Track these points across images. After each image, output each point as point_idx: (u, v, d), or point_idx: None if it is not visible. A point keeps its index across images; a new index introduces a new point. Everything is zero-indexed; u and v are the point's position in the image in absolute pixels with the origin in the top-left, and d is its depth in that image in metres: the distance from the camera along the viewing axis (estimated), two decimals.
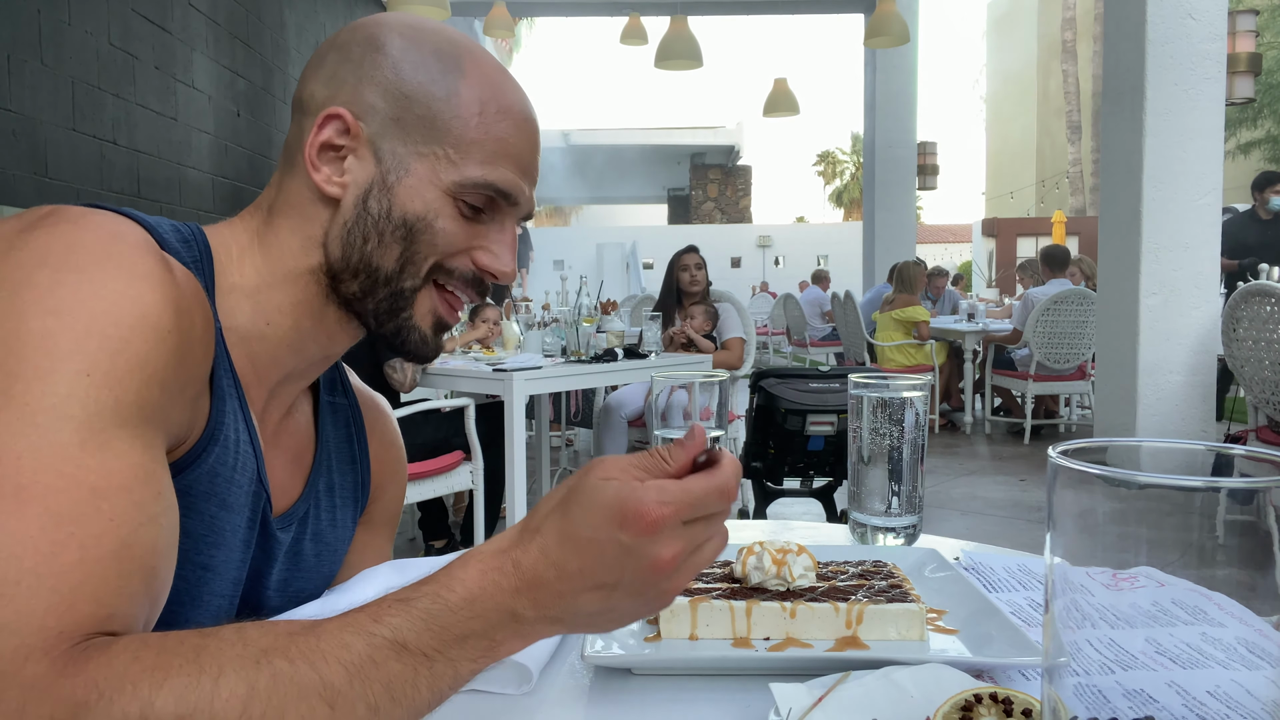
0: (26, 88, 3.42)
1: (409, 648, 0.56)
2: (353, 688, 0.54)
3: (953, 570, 0.90)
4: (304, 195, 0.77)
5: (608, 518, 0.56)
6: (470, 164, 0.76)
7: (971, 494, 5.06)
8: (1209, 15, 4.47)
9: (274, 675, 0.53)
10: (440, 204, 0.76)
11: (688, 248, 4.83)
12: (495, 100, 0.77)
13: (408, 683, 0.56)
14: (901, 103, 9.74)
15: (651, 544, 0.56)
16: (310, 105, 0.77)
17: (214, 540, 0.73)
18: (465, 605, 0.57)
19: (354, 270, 0.76)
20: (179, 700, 0.50)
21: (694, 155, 26.83)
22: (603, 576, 0.57)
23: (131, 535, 0.56)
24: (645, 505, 0.55)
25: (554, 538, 0.58)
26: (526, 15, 11.50)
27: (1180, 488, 0.39)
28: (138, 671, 0.51)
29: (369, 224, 0.75)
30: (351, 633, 0.55)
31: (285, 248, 0.77)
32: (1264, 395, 3.59)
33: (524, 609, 0.58)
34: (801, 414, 3.35)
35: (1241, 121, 17.93)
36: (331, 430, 0.91)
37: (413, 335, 0.79)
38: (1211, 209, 4.51)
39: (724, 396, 1.08)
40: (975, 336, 6.94)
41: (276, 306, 0.77)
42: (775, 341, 12.07)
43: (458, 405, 3.31)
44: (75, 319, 0.58)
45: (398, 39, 0.77)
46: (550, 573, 0.58)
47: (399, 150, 0.75)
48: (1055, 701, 0.44)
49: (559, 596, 0.58)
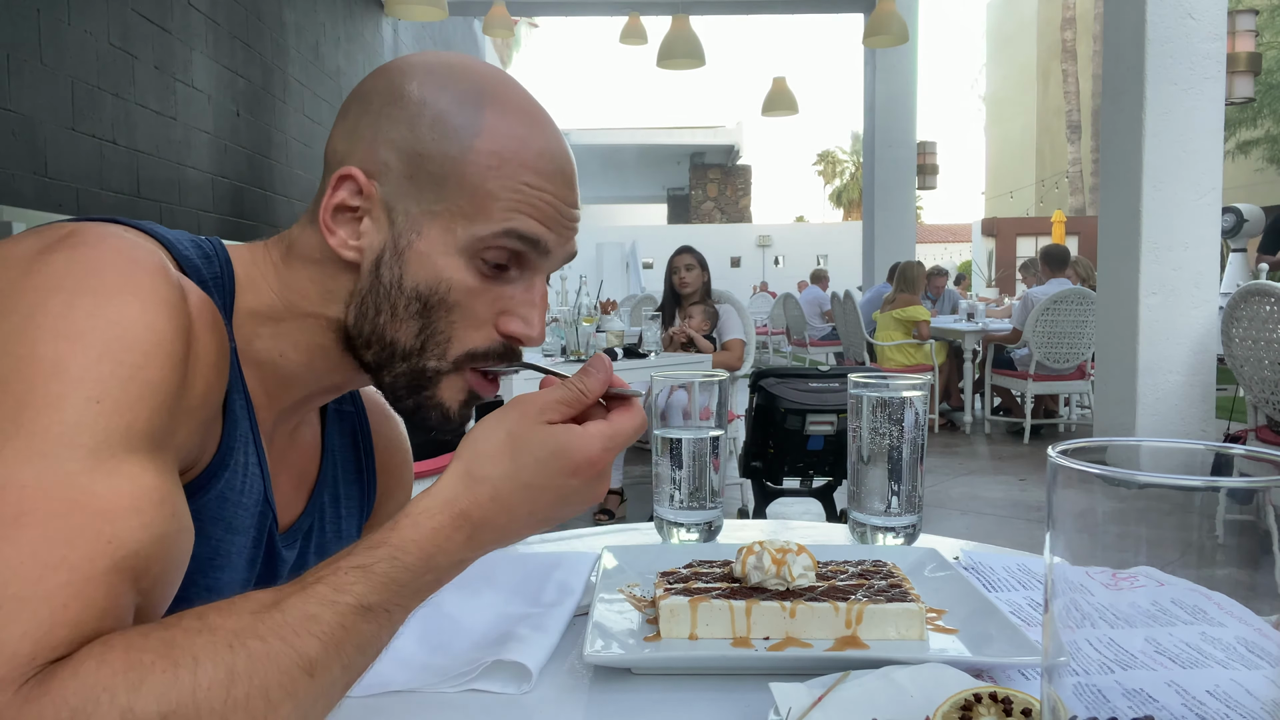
0: (26, 87, 3.42)
1: (373, 609, 0.58)
2: (328, 654, 0.56)
3: (952, 570, 0.90)
4: (320, 252, 0.74)
5: (560, 467, 0.63)
6: (487, 218, 0.71)
7: (971, 494, 5.06)
8: (1209, 15, 4.46)
9: (250, 656, 0.52)
10: (455, 268, 0.71)
11: (679, 249, 4.82)
12: (518, 150, 0.72)
13: (374, 637, 0.59)
14: (901, 102, 9.74)
15: (598, 481, 0.64)
16: (331, 160, 0.74)
17: (220, 563, 0.73)
18: (421, 563, 0.60)
19: (367, 341, 0.73)
20: (160, 699, 0.49)
21: (693, 155, 26.84)
22: (548, 512, 0.64)
23: (130, 556, 0.55)
24: (594, 454, 0.63)
25: (506, 486, 0.62)
26: (526, 15, 11.50)
27: (1180, 487, 0.39)
28: (109, 676, 0.49)
29: (381, 294, 0.72)
30: (316, 604, 0.56)
31: (303, 292, 0.75)
32: (1263, 395, 3.59)
33: (472, 553, 0.63)
34: (801, 414, 3.36)
35: (1241, 121, 17.91)
36: (338, 441, 0.90)
37: (433, 414, 0.76)
38: (1211, 208, 4.51)
39: (723, 396, 1.08)
40: (975, 336, 6.94)
41: (293, 342, 0.75)
42: (775, 341, 12.07)
43: None
44: (88, 344, 0.57)
45: (415, 89, 0.72)
46: (501, 517, 0.63)
47: (412, 210, 0.71)
48: (1055, 701, 0.44)
49: (504, 532, 0.63)
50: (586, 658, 0.72)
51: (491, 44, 16.00)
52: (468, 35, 12.95)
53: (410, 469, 1.02)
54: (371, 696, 0.71)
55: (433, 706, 0.70)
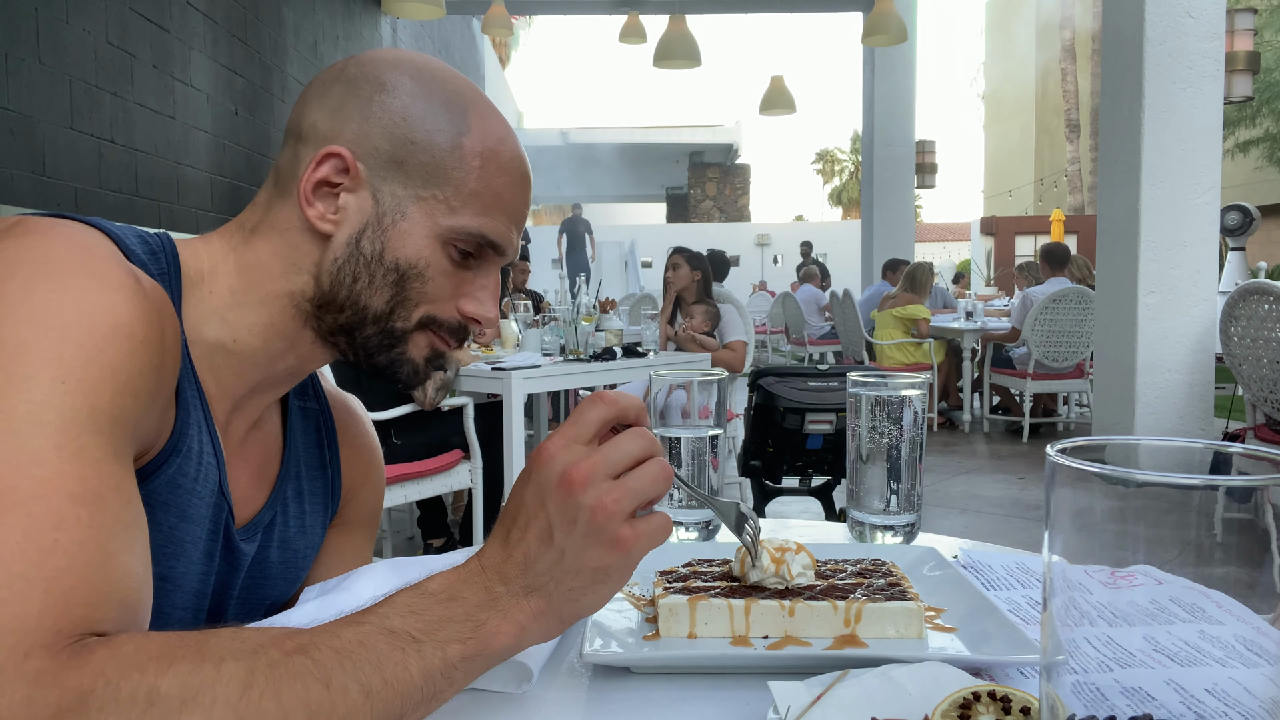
0: (24, 86, 3.41)
1: (396, 631, 0.58)
2: (344, 668, 0.56)
3: (951, 568, 0.90)
4: (292, 223, 0.78)
5: (527, 478, 0.64)
6: (467, 212, 0.77)
7: (970, 492, 5.07)
8: (1207, 14, 4.47)
9: (270, 663, 0.54)
10: (432, 250, 0.77)
11: (672, 250, 4.82)
12: (496, 155, 0.79)
13: (398, 664, 0.57)
14: (900, 101, 9.74)
15: (585, 495, 0.61)
16: (311, 136, 0.78)
17: (173, 551, 0.74)
18: (443, 589, 0.61)
19: (340, 305, 0.78)
20: (184, 685, 0.51)
21: (692, 154, 26.83)
22: (554, 533, 0.62)
23: (111, 543, 0.57)
24: (577, 461, 0.62)
25: (505, 523, 0.65)
26: (525, 13, 11.50)
27: (1178, 485, 0.39)
28: (143, 660, 0.52)
29: (360, 263, 0.77)
30: (340, 625, 0.58)
31: (265, 270, 0.78)
32: (1262, 393, 3.60)
33: (497, 584, 0.63)
34: (800, 412, 3.36)
35: (1240, 120, 17.91)
36: (301, 436, 0.91)
37: (406, 367, 0.81)
38: (1210, 207, 4.51)
39: (722, 395, 1.08)
40: (974, 335, 6.94)
41: (247, 326, 0.78)
42: (774, 340, 12.06)
43: (457, 404, 3.31)
44: (49, 328, 0.58)
45: (408, 82, 0.78)
46: (502, 543, 0.64)
47: (398, 193, 0.76)
48: (1053, 699, 0.44)
49: (512, 559, 0.63)
50: (586, 657, 0.72)
51: (490, 43, 15.99)
52: (466, 34, 12.95)
53: (379, 466, 1.03)
54: None
55: None
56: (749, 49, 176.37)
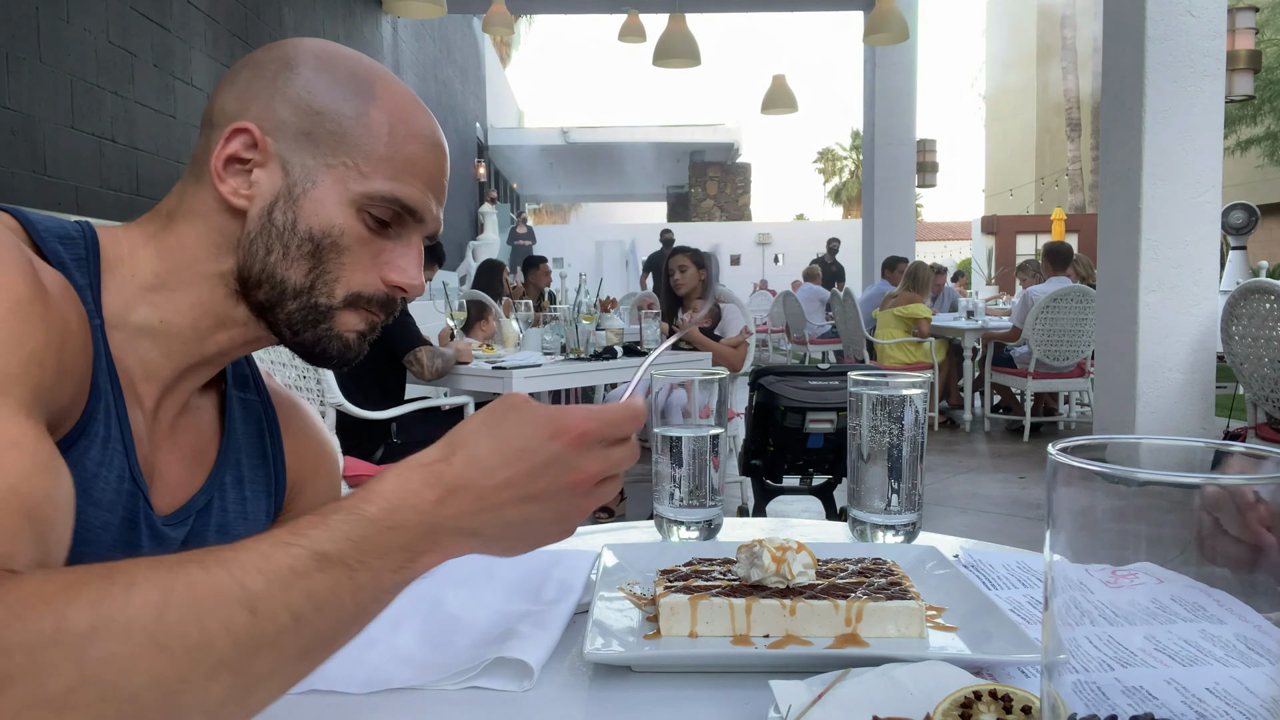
0: (25, 85, 3.41)
1: (330, 558, 0.56)
2: (273, 594, 0.53)
3: (952, 567, 0.90)
4: (209, 205, 0.79)
5: (540, 429, 0.61)
6: (378, 177, 0.78)
7: (971, 491, 5.07)
8: (1208, 12, 4.46)
9: (190, 583, 0.51)
10: (346, 216, 0.77)
11: (674, 250, 4.81)
12: (405, 123, 0.79)
13: (331, 591, 0.55)
14: (901, 100, 9.73)
15: (578, 455, 0.61)
16: (219, 119, 0.79)
17: (82, 536, 0.72)
18: (384, 516, 0.58)
19: (258, 280, 0.78)
20: (93, 610, 0.49)
21: (693, 153, 26.81)
22: (527, 487, 0.61)
23: (22, 483, 0.56)
24: (575, 419, 0.62)
25: (485, 447, 0.60)
26: (525, 12, 11.49)
27: (1179, 484, 0.39)
28: (50, 591, 0.50)
29: (273, 235, 0.77)
30: (269, 544, 0.55)
31: (190, 253, 0.79)
32: (1263, 392, 3.60)
33: (444, 519, 0.59)
34: (801, 411, 3.35)
35: (1241, 119, 17.89)
36: (241, 425, 0.91)
37: (333, 345, 0.81)
38: (1211, 206, 4.51)
39: (723, 394, 1.08)
40: (975, 334, 6.94)
41: (174, 306, 0.78)
42: (775, 339, 12.06)
43: (457, 403, 3.31)
44: None
45: (312, 59, 0.79)
46: (478, 479, 0.60)
47: (308, 163, 0.77)
48: (1054, 699, 0.44)
49: (480, 502, 0.60)
50: (587, 655, 0.72)
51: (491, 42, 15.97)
52: (467, 33, 12.94)
53: (330, 460, 1.02)
54: (374, 694, 0.71)
55: (434, 703, 0.71)
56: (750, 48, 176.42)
